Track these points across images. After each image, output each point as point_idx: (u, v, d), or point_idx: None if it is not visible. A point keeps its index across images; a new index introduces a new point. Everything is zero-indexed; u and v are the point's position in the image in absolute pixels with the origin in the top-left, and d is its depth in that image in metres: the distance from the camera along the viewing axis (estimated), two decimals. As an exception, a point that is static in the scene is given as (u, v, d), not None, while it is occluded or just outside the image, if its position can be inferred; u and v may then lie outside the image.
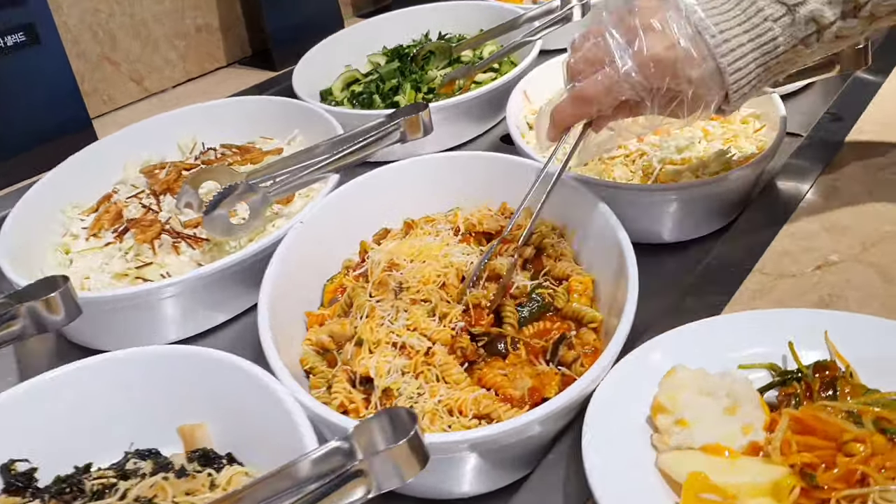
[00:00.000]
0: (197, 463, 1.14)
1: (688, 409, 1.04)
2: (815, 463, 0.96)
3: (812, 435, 0.99)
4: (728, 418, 1.03)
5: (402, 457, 0.91)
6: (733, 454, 1.00)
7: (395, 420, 0.94)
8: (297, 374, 1.27)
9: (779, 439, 0.99)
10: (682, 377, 1.08)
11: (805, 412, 1.00)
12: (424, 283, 1.29)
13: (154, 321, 1.44)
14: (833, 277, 1.35)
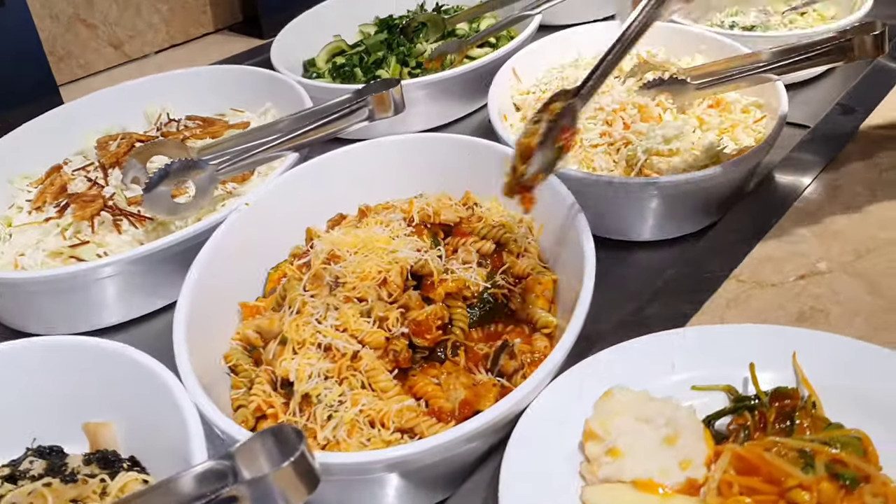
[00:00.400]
0: (95, 465, 1.06)
1: (622, 436, 0.93)
2: None
3: (756, 475, 0.87)
4: (666, 450, 0.92)
5: (285, 481, 0.81)
6: (666, 493, 0.89)
7: (281, 440, 0.84)
8: (218, 373, 1.17)
9: (716, 479, 0.88)
10: (620, 400, 0.97)
11: (750, 449, 0.88)
12: (362, 279, 1.18)
13: (87, 304, 1.36)
14: (817, 289, 1.23)
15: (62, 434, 1.10)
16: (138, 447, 1.08)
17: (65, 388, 1.11)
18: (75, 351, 1.10)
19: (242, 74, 1.85)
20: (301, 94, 1.68)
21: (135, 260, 1.31)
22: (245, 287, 1.31)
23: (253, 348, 1.20)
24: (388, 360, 1.12)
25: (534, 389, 0.98)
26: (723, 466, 0.88)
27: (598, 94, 1.55)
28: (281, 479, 0.81)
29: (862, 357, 1.01)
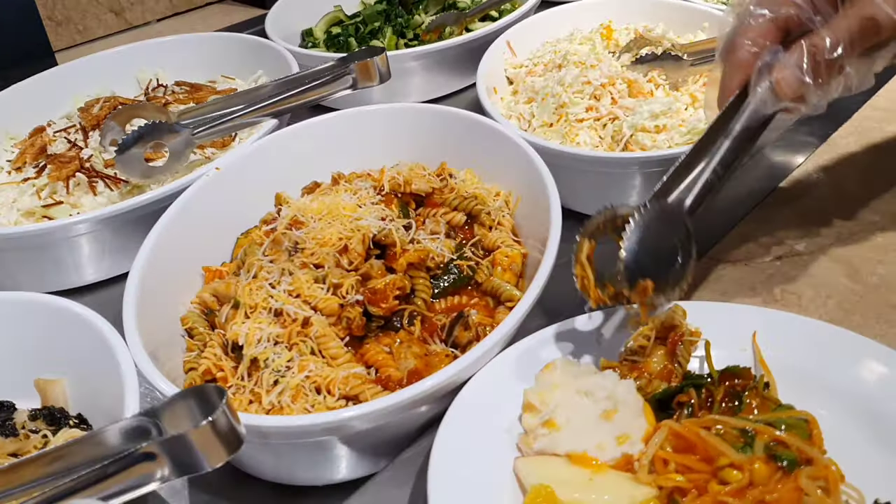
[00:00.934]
0: (42, 421, 1.05)
1: (560, 409, 0.91)
2: (685, 487, 0.81)
3: (693, 453, 0.84)
4: (603, 424, 0.89)
5: (204, 440, 0.79)
6: (599, 467, 0.86)
7: (203, 398, 0.83)
8: (175, 335, 1.16)
9: (649, 455, 0.85)
10: (561, 374, 0.94)
11: (687, 426, 0.85)
12: (322, 246, 1.16)
13: (56, 264, 1.35)
14: (793, 271, 1.19)
15: (15, 389, 1.09)
16: (86, 404, 1.08)
17: (17, 344, 1.10)
18: (26, 306, 1.10)
19: (232, 42, 1.83)
20: (290, 62, 1.67)
21: (104, 220, 1.30)
22: (214, 252, 1.29)
23: (210, 312, 1.18)
24: (341, 328, 1.10)
25: (479, 359, 0.96)
26: (657, 443, 0.85)
27: (586, 68, 1.53)
28: (200, 438, 0.79)
29: (826, 339, 0.98)
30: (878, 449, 0.88)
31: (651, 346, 0.99)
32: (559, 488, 0.83)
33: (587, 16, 1.78)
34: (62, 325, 1.07)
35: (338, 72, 1.46)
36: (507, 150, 1.30)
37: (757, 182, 1.37)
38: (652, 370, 0.96)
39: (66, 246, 1.32)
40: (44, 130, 1.57)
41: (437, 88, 1.84)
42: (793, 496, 0.79)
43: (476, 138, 1.36)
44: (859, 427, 0.90)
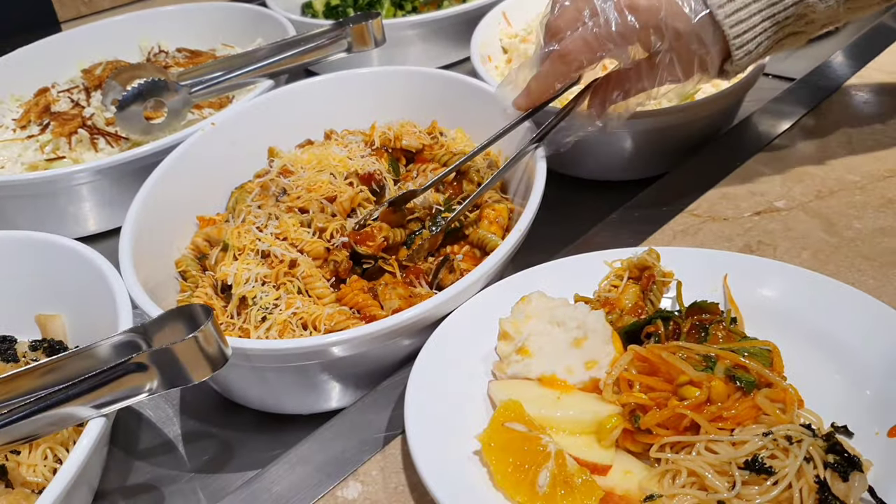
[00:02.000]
0: (42, 353, 1.10)
1: (533, 337, 0.94)
2: (648, 405, 0.85)
3: (656, 375, 0.88)
4: (573, 351, 0.93)
5: (189, 354, 0.83)
6: (567, 388, 0.90)
7: (190, 317, 0.87)
8: (169, 278, 1.20)
9: (613, 375, 0.89)
10: (535, 305, 0.97)
11: (650, 350, 0.89)
12: (309, 191, 1.20)
13: (58, 214, 1.40)
14: (771, 224, 1.21)
15: (17, 324, 1.14)
16: (84, 339, 1.10)
17: (18, 281, 1.15)
18: (26, 244, 1.15)
19: (233, 11, 1.89)
20: (289, 30, 1.71)
21: (103, 170, 1.35)
22: (209, 203, 1.33)
23: (203, 256, 1.22)
24: (327, 270, 1.13)
25: (460, 294, 1.00)
26: (622, 364, 0.89)
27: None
28: (185, 352, 0.83)
29: (796, 282, 1.01)
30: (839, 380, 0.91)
31: (624, 285, 1.02)
32: (528, 406, 0.87)
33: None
34: (61, 262, 1.12)
35: (333, 35, 1.50)
36: (497, 112, 1.32)
37: (740, 143, 1.40)
38: (623, 306, 1.00)
39: (67, 196, 1.37)
40: (48, 91, 1.62)
41: (433, 58, 1.87)
42: (749, 413, 0.83)
43: (466, 99, 1.40)
44: (823, 361, 0.93)
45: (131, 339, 0.88)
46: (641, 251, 1.05)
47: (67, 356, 0.87)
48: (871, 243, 1.15)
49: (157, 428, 1.07)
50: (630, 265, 1.04)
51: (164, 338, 0.88)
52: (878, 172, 1.29)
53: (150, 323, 0.88)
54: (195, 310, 0.86)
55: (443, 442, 0.85)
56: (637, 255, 1.04)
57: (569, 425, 0.87)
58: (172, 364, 0.83)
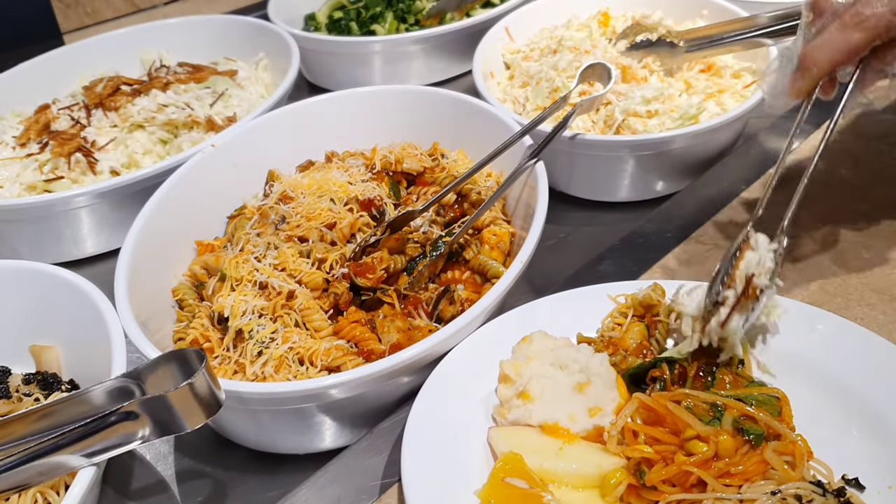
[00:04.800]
0: (35, 385, 1.08)
1: (535, 380, 0.92)
2: (653, 459, 0.83)
3: (662, 426, 0.86)
4: (576, 396, 0.91)
5: (183, 402, 0.82)
6: (570, 437, 0.88)
7: (183, 362, 0.85)
8: (166, 306, 1.18)
9: (618, 427, 0.87)
10: (537, 346, 0.95)
11: (656, 399, 0.87)
12: (308, 219, 1.18)
13: (56, 236, 1.38)
14: (779, 254, 1.19)
15: (13, 354, 1.13)
16: (78, 371, 1.10)
17: (13, 311, 1.13)
18: (22, 274, 1.13)
19: (235, 25, 1.87)
20: (290, 45, 1.69)
21: (102, 193, 1.33)
22: (207, 227, 1.31)
23: (200, 284, 1.20)
24: (326, 301, 1.11)
25: (459, 331, 0.98)
26: (627, 414, 0.87)
27: (581, 54, 1.54)
28: (179, 399, 0.81)
29: (805, 320, 0.99)
30: (850, 428, 0.89)
31: (628, 323, 1.00)
32: (529, 457, 0.85)
33: (586, 2, 1.78)
34: (57, 293, 1.10)
35: None
36: (499, 132, 1.30)
37: (747, 167, 1.38)
38: (627, 346, 0.98)
39: (65, 218, 1.35)
40: (48, 108, 1.60)
41: (436, 73, 1.85)
42: (758, 469, 0.81)
43: (468, 120, 1.38)
44: (833, 406, 0.91)
45: (124, 385, 0.86)
46: (646, 286, 1.03)
47: (61, 401, 0.86)
48: (880, 275, 1.13)
49: (150, 466, 1.06)
50: (635, 302, 1.02)
51: (158, 382, 0.87)
52: (886, 199, 1.27)
53: (143, 367, 0.86)
54: (189, 355, 0.85)
55: (441, 495, 0.83)
56: (642, 292, 1.02)
57: (572, 479, 0.85)
58: (165, 412, 0.82)
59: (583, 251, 1.31)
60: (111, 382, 0.86)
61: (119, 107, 1.55)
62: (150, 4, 2.24)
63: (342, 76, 1.82)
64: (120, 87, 1.60)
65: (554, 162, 1.25)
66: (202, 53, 1.83)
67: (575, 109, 1.30)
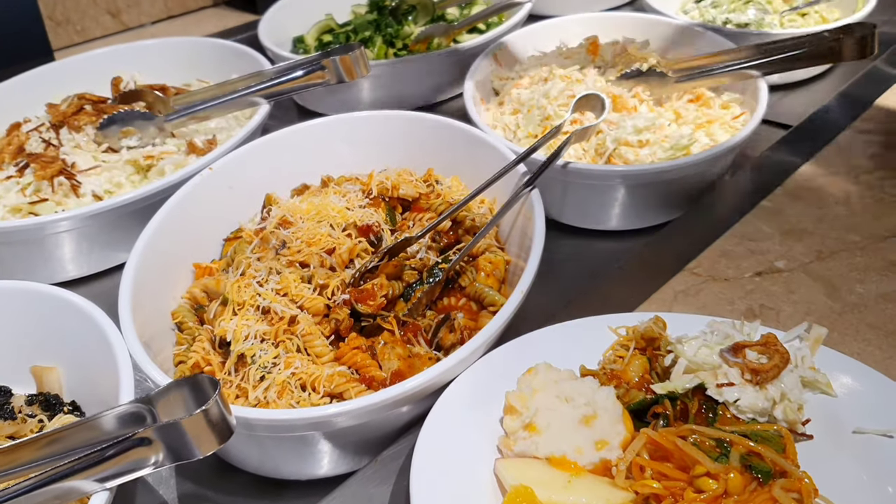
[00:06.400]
0: (38, 406, 1.07)
1: (541, 413, 0.92)
2: (661, 494, 0.84)
3: (669, 461, 0.86)
4: (583, 429, 0.92)
5: (196, 428, 0.81)
6: (577, 470, 0.88)
7: (196, 388, 0.84)
8: (166, 329, 1.18)
9: (626, 461, 0.87)
10: (542, 378, 0.96)
11: (664, 435, 0.87)
12: (309, 245, 1.18)
13: (47, 258, 1.37)
14: (773, 287, 1.21)
15: (13, 375, 1.11)
16: (80, 392, 1.10)
17: (14, 332, 1.12)
18: (24, 296, 1.11)
19: (209, 47, 1.89)
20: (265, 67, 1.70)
21: (93, 216, 1.32)
22: (204, 249, 1.31)
23: (200, 307, 1.19)
24: (327, 326, 1.11)
25: (462, 361, 0.98)
26: (635, 449, 0.88)
27: (572, 82, 1.55)
28: (192, 426, 0.81)
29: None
30: (850, 464, 0.90)
31: (630, 356, 1.01)
32: (538, 489, 0.85)
33: (573, 31, 1.80)
34: (59, 315, 1.09)
35: (314, 66, 1.48)
36: (493, 159, 1.31)
37: (738, 197, 1.40)
38: (629, 379, 0.98)
39: (54, 241, 1.34)
40: (19, 127, 1.59)
41: (425, 96, 1.87)
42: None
43: (463, 147, 1.39)
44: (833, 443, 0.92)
45: (136, 411, 0.85)
46: (647, 319, 1.04)
47: (72, 427, 0.85)
48: (875, 309, 1.14)
49: (153, 490, 1.05)
50: (636, 335, 1.03)
51: (170, 408, 0.86)
52: (878, 232, 1.29)
53: (155, 394, 0.85)
54: (202, 381, 0.84)
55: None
56: (643, 325, 1.03)
57: None
58: (179, 438, 0.81)
59: (576, 280, 1.33)
60: (123, 408, 0.85)
61: (81, 126, 1.55)
62: (137, 23, 2.24)
63: (330, 98, 1.82)
64: (83, 107, 1.60)
65: (546, 189, 1.26)
66: (176, 74, 1.84)
67: (569, 139, 1.31)
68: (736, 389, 0.93)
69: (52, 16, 1.99)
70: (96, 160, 1.50)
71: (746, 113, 1.54)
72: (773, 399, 0.92)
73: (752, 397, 0.92)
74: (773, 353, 0.96)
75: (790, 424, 0.92)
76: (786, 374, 0.94)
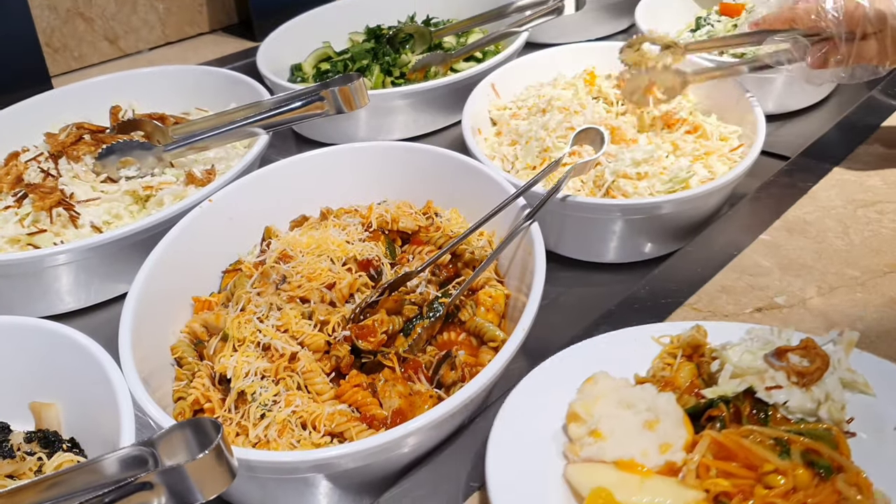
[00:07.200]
0: (37, 444, 1.06)
1: (604, 420, 0.97)
2: (731, 492, 0.88)
3: (733, 461, 0.91)
4: (646, 434, 0.96)
5: (200, 472, 0.81)
6: (646, 472, 0.92)
7: (199, 431, 0.84)
8: (165, 364, 1.18)
9: (695, 462, 0.91)
10: (602, 386, 1.00)
11: (728, 436, 0.92)
12: (309, 280, 1.18)
13: (46, 290, 1.37)
14: (773, 322, 1.20)
15: (11, 411, 1.11)
16: (79, 429, 1.09)
17: (13, 367, 1.12)
18: (21, 331, 1.11)
19: (207, 75, 1.89)
20: (264, 96, 1.71)
21: (92, 248, 1.32)
22: (203, 282, 1.31)
23: (199, 342, 1.19)
24: (327, 363, 1.11)
25: (466, 401, 0.97)
26: (702, 450, 0.91)
27: (570, 114, 1.56)
28: (196, 470, 0.80)
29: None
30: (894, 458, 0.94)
31: (678, 363, 1.05)
32: (615, 491, 0.89)
33: (570, 61, 1.81)
34: (58, 350, 1.09)
35: (312, 97, 1.48)
36: (492, 191, 1.32)
37: (736, 231, 1.40)
38: (680, 385, 1.02)
39: (53, 274, 1.34)
40: (17, 157, 1.59)
41: (421, 126, 1.87)
42: (831, 499, 0.86)
43: (463, 179, 1.39)
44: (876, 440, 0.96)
45: (139, 454, 0.85)
46: (689, 328, 1.09)
47: (73, 470, 0.84)
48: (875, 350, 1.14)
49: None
50: (682, 343, 1.07)
51: (172, 451, 0.85)
52: (877, 267, 1.29)
53: (157, 437, 0.85)
54: (205, 424, 0.84)
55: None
56: (686, 334, 1.08)
57: None
58: (181, 483, 0.81)
59: (576, 314, 1.32)
60: (125, 451, 0.84)
61: (80, 156, 1.55)
62: (135, 50, 2.24)
63: (328, 128, 1.82)
64: (83, 136, 1.60)
65: (544, 221, 1.26)
66: (175, 103, 1.84)
67: (568, 172, 1.31)
68: (784, 392, 0.96)
69: (49, 42, 2.00)
70: (95, 190, 1.50)
71: (744, 145, 1.55)
72: (819, 400, 0.96)
73: (799, 399, 0.96)
74: (813, 356, 1.00)
75: (836, 423, 0.95)
76: (827, 376, 0.98)
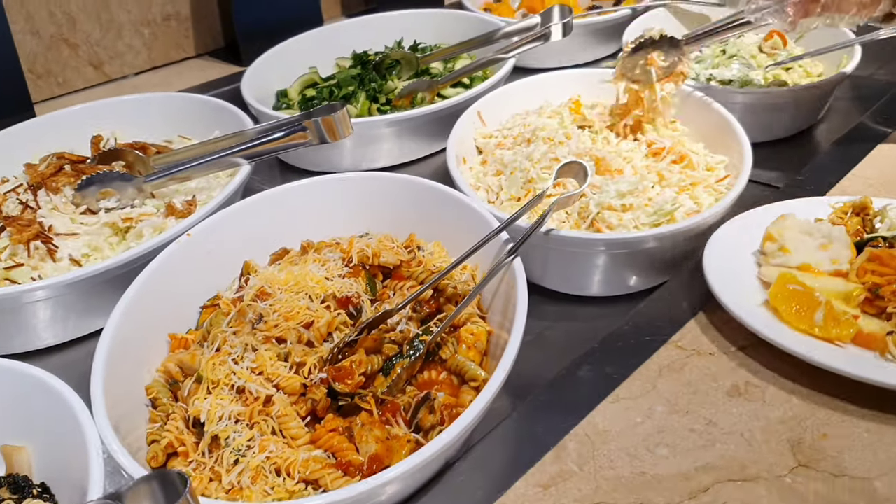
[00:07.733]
0: (6, 489, 1.04)
1: (790, 241, 1.29)
2: (882, 284, 1.21)
3: (886, 267, 1.22)
4: (822, 252, 1.29)
5: (164, 529, 0.79)
6: (820, 273, 1.27)
7: (166, 484, 0.82)
8: (139, 404, 1.15)
9: (857, 265, 1.25)
10: (790, 221, 1.33)
11: (882, 250, 1.25)
12: (286, 319, 1.16)
13: (21, 326, 1.35)
14: (759, 359, 1.19)
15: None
16: (50, 474, 1.06)
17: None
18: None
19: (191, 103, 1.87)
20: (247, 125, 1.70)
21: (70, 284, 1.30)
22: (180, 319, 1.29)
23: (174, 382, 1.17)
24: (303, 406, 1.09)
25: (444, 448, 0.96)
26: (862, 258, 1.25)
27: (555, 145, 1.55)
28: (160, 528, 0.79)
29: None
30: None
31: (848, 217, 1.36)
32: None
33: (557, 88, 1.80)
34: (30, 393, 1.07)
35: (295, 127, 1.47)
36: (476, 223, 1.31)
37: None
38: (850, 230, 1.33)
39: (31, 310, 1.32)
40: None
41: (406, 153, 1.86)
42: None
43: (446, 210, 1.38)
44: None
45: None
46: (856, 198, 1.39)
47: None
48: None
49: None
50: (854, 205, 1.38)
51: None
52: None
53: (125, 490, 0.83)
54: (172, 477, 0.82)
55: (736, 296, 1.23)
56: (856, 200, 1.38)
57: (827, 292, 1.21)
58: (148, 539, 0.79)
59: (560, 349, 1.31)
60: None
61: (60, 188, 1.53)
62: (120, 74, 2.23)
63: (313, 156, 1.81)
64: (63, 167, 1.59)
65: (528, 254, 1.25)
66: (159, 130, 1.83)
67: (552, 206, 1.30)
68: None
69: (32, 69, 1.99)
70: (74, 222, 1.48)
71: (731, 175, 1.53)
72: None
73: None
74: None
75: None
76: None
